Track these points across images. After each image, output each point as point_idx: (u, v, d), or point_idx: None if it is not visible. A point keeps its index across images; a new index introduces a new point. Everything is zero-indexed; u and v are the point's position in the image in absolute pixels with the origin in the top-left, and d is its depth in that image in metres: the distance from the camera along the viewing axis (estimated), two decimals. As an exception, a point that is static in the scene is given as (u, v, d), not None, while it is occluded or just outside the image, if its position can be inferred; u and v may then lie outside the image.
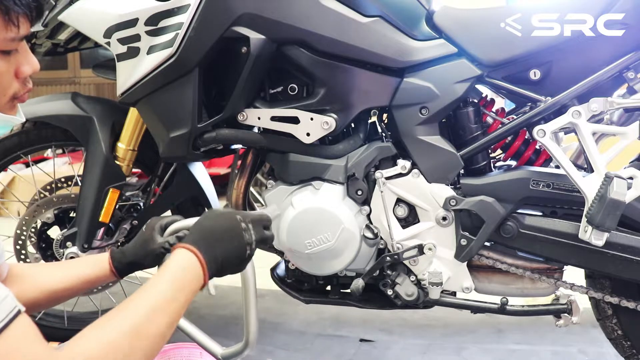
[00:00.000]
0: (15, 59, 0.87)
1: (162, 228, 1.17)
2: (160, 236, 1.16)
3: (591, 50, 1.42)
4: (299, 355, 2.00)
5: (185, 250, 0.92)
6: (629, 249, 1.39)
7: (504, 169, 1.53)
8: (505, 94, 1.56)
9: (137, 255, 1.16)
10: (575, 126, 1.35)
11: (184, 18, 1.40)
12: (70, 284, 1.14)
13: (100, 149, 1.66)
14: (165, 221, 1.17)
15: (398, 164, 1.48)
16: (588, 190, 1.31)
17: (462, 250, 1.47)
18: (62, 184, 1.87)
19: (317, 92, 1.47)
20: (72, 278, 1.14)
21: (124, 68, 1.47)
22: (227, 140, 1.51)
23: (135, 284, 2.02)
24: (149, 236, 1.16)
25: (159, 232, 1.16)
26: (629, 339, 1.58)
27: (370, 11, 1.44)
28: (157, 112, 1.49)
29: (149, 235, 1.16)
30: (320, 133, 1.47)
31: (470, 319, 2.15)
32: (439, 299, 1.51)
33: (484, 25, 1.47)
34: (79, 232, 1.66)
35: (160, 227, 1.17)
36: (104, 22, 1.45)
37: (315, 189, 1.50)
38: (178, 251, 0.93)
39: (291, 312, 2.33)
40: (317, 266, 1.51)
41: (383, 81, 1.48)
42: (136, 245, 1.17)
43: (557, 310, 1.50)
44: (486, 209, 1.43)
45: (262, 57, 1.41)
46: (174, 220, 1.16)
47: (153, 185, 1.79)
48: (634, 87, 1.42)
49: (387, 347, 2.05)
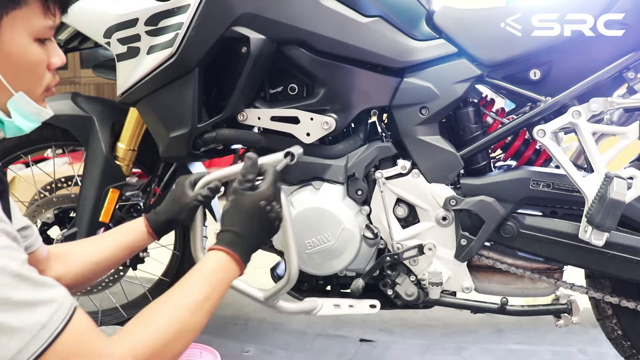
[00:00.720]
0: (47, 50, 0.90)
1: (192, 183, 1.25)
2: (191, 191, 1.23)
3: (591, 50, 1.42)
4: (299, 355, 2.00)
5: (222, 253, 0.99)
6: (629, 249, 1.39)
7: (504, 169, 1.53)
8: (505, 94, 1.56)
9: (172, 212, 1.23)
10: (575, 126, 1.35)
11: (184, 18, 1.40)
12: (111, 254, 1.20)
13: (100, 149, 1.66)
14: (193, 177, 1.25)
15: (398, 164, 1.48)
16: (588, 190, 1.31)
17: (462, 250, 1.47)
18: (62, 184, 1.87)
19: (317, 92, 1.47)
20: (112, 247, 1.20)
21: (124, 68, 1.47)
22: (227, 140, 1.51)
23: (135, 284, 2.03)
24: (181, 192, 1.24)
25: (190, 187, 1.24)
26: (629, 339, 1.58)
27: (370, 11, 1.44)
28: (157, 112, 1.49)
29: (181, 191, 1.24)
30: (320, 133, 1.47)
31: (470, 319, 2.15)
32: (439, 299, 1.51)
33: (484, 25, 1.47)
34: (79, 232, 1.66)
35: (190, 183, 1.25)
36: (104, 22, 1.45)
37: (315, 189, 1.50)
38: (214, 253, 0.99)
39: (291, 312, 2.33)
40: (317, 266, 1.51)
41: (383, 81, 1.48)
42: (169, 203, 1.25)
43: (557, 310, 1.50)
44: (486, 209, 1.43)
45: (262, 57, 1.41)
46: (201, 175, 1.25)
47: (153, 185, 1.79)
48: (634, 87, 1.42)
49: (387, 347, 2.05)
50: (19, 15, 0.83)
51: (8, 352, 0.72)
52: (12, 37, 0.84)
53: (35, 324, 0.74)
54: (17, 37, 0.84)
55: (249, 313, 2.34)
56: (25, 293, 0.74)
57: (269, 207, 1.05)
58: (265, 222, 1.05)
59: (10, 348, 0.72)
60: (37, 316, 0.74)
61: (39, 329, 0.74)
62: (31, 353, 0.73)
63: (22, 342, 0.73)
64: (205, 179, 1.25)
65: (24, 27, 0.85)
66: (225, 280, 0.98)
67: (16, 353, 0.72)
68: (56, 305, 0.76)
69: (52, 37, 0.90)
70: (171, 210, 1.24)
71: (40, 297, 0.76)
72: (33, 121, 0.92)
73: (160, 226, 1.23)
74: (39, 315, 0.75)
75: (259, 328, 2.21)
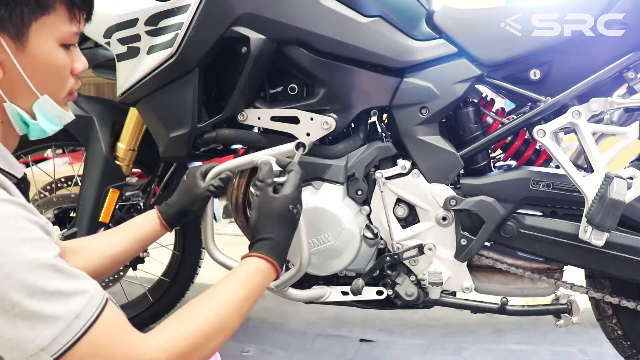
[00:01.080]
0: (71, 55, 0.93)
1: (203, 174, 1.31)
2: (203, 181, 1.30)
3: (591, 50, 1.42)
4: (299, 355, 2.00)
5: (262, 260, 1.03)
6: (629, 249, 1.39)
7: (504, 169, 1.52)
8: (505, 94, 1.56)
9: (184, 203, 1.29)
10: (575, 126, 1.35)
11: (184, 18, 1.40)
12: (127, 246, 1.23)
13: (100, 149, 1.66)
14: (204, 168, 1.32)
15: (398, 164, 1.48)
16: (588, 190, 1.31)
17: (462, 250, 1.47)
18: (62, 184, 1.87)
19: (317, 92, 1.47)
20: (127, 240, 1.24)
21: (124, 68, 1.47)
22: (227, 140, 1.51)
23: (134, 284, 2.03)
24: (193, 183, 1.30)
25: (201, 178, 1.30)
26: (629, 339, 1.58)
27: (370, 11, 1.44)
28: (157, 112, 1.49)
29: (192, 182, 1.30)
30: (320, 133, 1.47)
31: (470, 319, 2.15)
32: (439, 299, 1.51)
33: (484, 25, 1.47)
34: (79, 232, 1.66)
35: (201, 174, 1.31)
36: (104, 22, 1.45)
37: (315, 189, 1.50)
38: (254, 259, 1.02)
39: (291, 312, 2.33)
40: (317, 266, 1.51)
41: (383, 81, 1.48)
42: (181, 194, 1.30)
43: (557, 310, 1.50)
44: (486, 209, 1.43)
45: (262, 57, 1.41)
46: (212, 166, 1.31)
47: (153, 185, 1.79)
48: (634, 87, 1.42)
49: (387, 347, 2.05)
50: (46, 22, 0.87)
51: (43, 341, 0.75)
52: (40, 42, 0.87)
53: (70, 313, 0.76)
54: (44, 42, 0.88)
55: (249, 313, 2.34)
56: (59, 283, 0.77)
57: (295, 210, 1.10)
58: (293, 224, 1.10)
59: (45, 336, 0.75)
60: (71, 306, 0.77)
61: (73, 318, 0.76)
62: (66, 341, 0.75)
63: (57, 330, 0.75)
64: (217, 169, 1.30)
65: (50, 33, 0.88)
66: (262, 285, 1.02)
67: (51, 341, 0.75)
68: (89, 296, 0.79)
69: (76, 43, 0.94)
70: (183, 201, 1.29)
71: (74, 288, 0.78)
72: (56, 124, 0.95)
73: (172, 217, 1.28)
74: (73, 305, 0.77)
75: (259, 328, 2.21)
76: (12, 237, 0.75)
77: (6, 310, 0.73)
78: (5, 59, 0.86)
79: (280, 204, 1.08)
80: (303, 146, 1.33)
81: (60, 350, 0.75)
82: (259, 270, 1.02)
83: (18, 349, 0.74)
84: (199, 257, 2.03)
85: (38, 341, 0.74)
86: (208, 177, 1.31)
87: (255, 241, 1.06)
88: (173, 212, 1.29)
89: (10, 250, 0.74)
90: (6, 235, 0.75)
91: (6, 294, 0.73)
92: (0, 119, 0.90)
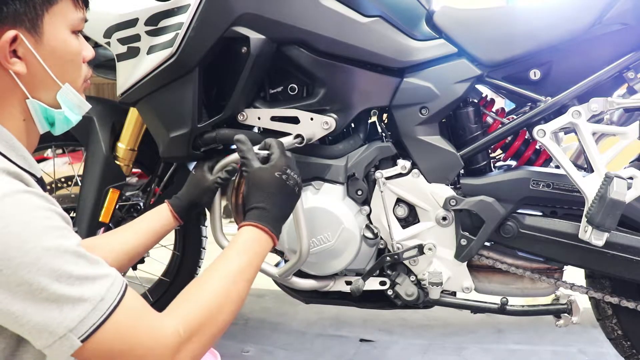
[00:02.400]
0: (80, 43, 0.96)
1: (210, 168, 1.41)
2: (211, 174, 1.40)
3: (591, 50, 1.42)
4: (299, 355, 2.00)
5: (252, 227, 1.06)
6: (629, 249, 1.39)
7: (504, 169, 1.52)
8: (505, 94, 1.56)
9: (193, 196, 1.38)
10: (575, 126, 1.35)
11: (184, 18, 1.39)
12: (142, 240, 1.29)
13: (100, 149, 1.66)
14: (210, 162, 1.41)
15: (398, 164, 1.48)
16: (588, 190, 1.31)
17: (462, 250, 1.47)
18: (62, 184, 1.87)
19: (317, 92, 1.47)
20: (142, 234, 1.30)
21: (124, 68, 1.46)
22: (227, 140, 1.50)
23: (135, 284, 2.03)
24: (201, 176, 1.40)
25: (208, 171, 1.41)
26: (629, 339, 1.58)
27: (370, 11, 1.44)
28: (157, 112, 1.49)
29: (200, 175, 1.40)
30: (320, 133, 1.47)
31: (470, 319, 2.15)
32: (439, 299, 1.51)
33: (484, 25, 1.47)
34: (79, 232, 1.66)
35: (208, 167, 1.41)
36: (104, 22, 1.45)
37: (315, 189, 1.50)
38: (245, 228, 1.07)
39: (291, 312, 2.33)
40: (317, 266, 1.51)
41: (383, 81, 1.48)
42: (190, 188, 1.39)
43: (557, 310, 1.50)
44: (486, 209, 1.43)
45: (262, 57, 1.41)
46: (218, 159, 1.41)
47: (153, 185, 1.79)
48: (634, 87, 1.42)
49: (387, 347, 2.05)
50: (56, 11, 0.90)
51: (71, 322, 0.77)
52: (54, 32, 0.90)
53: (95, 295, 0.79)
54: (57, 31, 0.90)
55: (249, 313, 2.34)
56: (84, 268, 0.80)
57: (284, 176, 1.13)
58: (285, 191, 1.13)
59: (73, 318, 0.77)
60: (96, 289, 0.80)
61: (98, 300, 0.79)
62: (92, 323, 0.78)
63: (83, 312, 0.78)
64: (223, 162, 1.40)
65: (61, 21, 0.91)
66: (260, 252, 1.06)
67: (79, 323, 0.78)
68: (111, 280, 0.82)
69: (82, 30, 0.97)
70: (192, 193, 1.37)
71: (97, 272, 0.81)
72: (77, 113, 0.98)
73: (183, 210, 1.35)
74: (97, 288, 0.80)
75: (259, 328, 2.21)
76: (38, 225, 0.77)
77: (34, 295, 0.75)
78: (26, 53, 0.88)
79: (265, 173, 1.13)
80: (301, 137, 1.41)
81: (87, 331, 0.78)
82: (253, 238, 1.06)
83: (47, 332, 0.77)
84: (199, 257, 2.03)
85: (66, 323, 0.77)
86: (215, 169, 1.40)
87: (247, 211, 1.11)
88: (183, 204, 1.36)
89: (36, 237, 0.76)
90: (32, 223, 0.77)
91: (34, 279, 0.75)
92: (22, 117, 0.91)
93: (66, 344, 0.77)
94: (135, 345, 0.82)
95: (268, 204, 1.10)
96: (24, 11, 0.86)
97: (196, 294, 0.92)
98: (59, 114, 0.94)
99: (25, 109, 0.91)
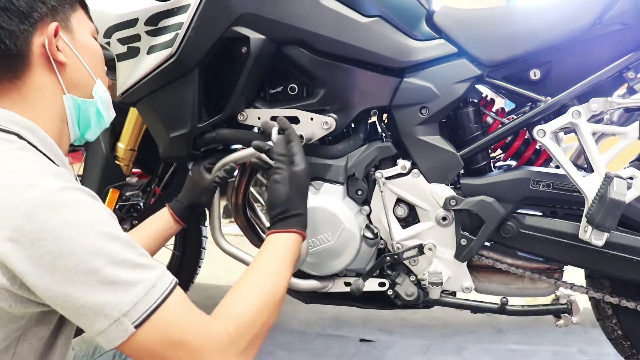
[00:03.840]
0: None
1: (207, 168, 1.43)
2: (208, 174, 1.42)
3: (591, 50, 1.42)
4: (299, 355, 2.00)
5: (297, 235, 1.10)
6: (629, 249, 1.39)
7: (504, 169, 1.52)
8: (505, 94, 1.56)
9: (193, 196, 1.39)
10: (575, 126, 1.35)
11: (184, 18, 1.39)
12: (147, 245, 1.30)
13: (100, 149, 1.66)
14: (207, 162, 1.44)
15: (398, 164, 1.48)
16: (588, 190, 1.31)
17: (462, 250, 1.47)
18: (62, 184, 1.86)
19: (317, 92, 1.47)
20: (147, 238, 1.32)
21: (124, 68, 1.46)
22: (227, 140, 1.51)
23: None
24: (199, 177, 1.41)
25: (206, 172, 1.42)
26: (629, 339, 1.58)
27: (370, 11, 1.44)
28: (157, 112, 1.49)
29: (198, 176, 1.41)
30: (320, 133, 1.47)
31: (470, 319, 2.16)
32: (439, 299, 1.51)
33: (484, 25, 1.47)
34: (79, 232, 1.66)
35: (205, 168, 1.43)
36: (104, 22, 1.45)
37: (315, 189, 1.50)
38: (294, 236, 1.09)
39: (291, 312, 2.33)
40: (317, 266, 1.51)
41: (383, 81, 1.48)
42: (189, 189, 1.41)
43: (557, 310, 1.50)
44: (486, 209, 1.43)
45: (262, 57, 1.41)
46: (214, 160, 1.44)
47: (153, 185, 1.79)
48: (634, 87, 1.42)
49: (387, 347, 2.05)
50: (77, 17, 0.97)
51: (125, 306, 0.78)
52: (81, 31, 0.97)
53: (148, 281, 0.81)
54: (83, 31, 0.98)
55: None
56: (136, 256, 0.82)
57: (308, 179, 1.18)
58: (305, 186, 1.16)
59: (127, 302, 0.79)
60: (148, 275, 0.81)
61: (150, 287, 0.81)
62: (145, 308, 0.79)
63: (136, 297, 0.79)
64: (221, 162, 1.42)
65: (84, 26, 0.99)
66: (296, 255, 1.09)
67: (132, 306, 0.79)
68: (162, 271, 0.84)
69: None
70: (192, 194, 1.39)
71: (148, 263, 0.83)
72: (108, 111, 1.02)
73: (183, 211, 1.37)
74: (149, 275, 0.82)
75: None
76: (93, 214, 0.80)
77: (89, 277, 0.77)
78: (64, 46, 0.93)
79: (303, 178, 1.15)
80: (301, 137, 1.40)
81: (140, 317, 0.79)
82: (297, 244, 1.09)
83: (102, 315, 0.78)
84: (199, 257, 2.04)
85: (120, 306, 0.78)
86: (214, 169, 1.42)
87: (288, 216, 1.11)
88: (183, 206, 1.37)
89: (91, 223, 0.79)
90: (87, 211, 0.80)
91: (88, 261, 0.77)
92: (60, 117, 0.94)
93: (120, 329, 0.78)
94: (188, 337, 0.82)
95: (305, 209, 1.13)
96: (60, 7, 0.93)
97: (245, 295, 0.93)
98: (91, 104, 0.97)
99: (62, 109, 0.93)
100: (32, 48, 0.89)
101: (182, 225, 1.38)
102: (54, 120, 0.93)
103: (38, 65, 0.90)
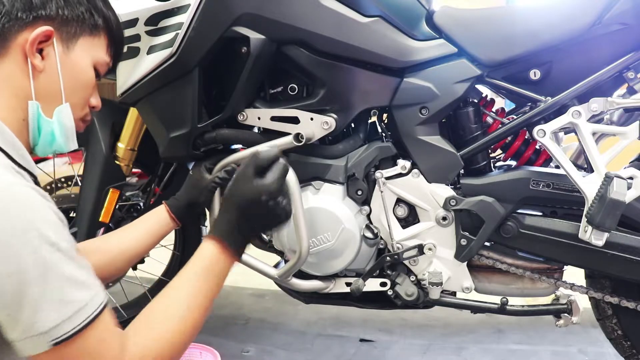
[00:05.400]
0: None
1: (208, 168, 1.42)
2: (209, 174, 1.41)
3: (591, 50, 1.42)
4: (299, 355, 2.00)
5: (217, 245, 0.98)
6: (629, 249, 1.39)
7: (504, 169, 1.52)
8: (505, 94, 1.56)
9: (192, 196, 1.38)
10: (575, 126, 1.35)
11: (184, 18, 1.39)
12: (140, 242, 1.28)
13: (100, 149, 1.66)
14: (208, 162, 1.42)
15: (398, 164, 1.48)
16: (588, 190, 1.31)
17: (462, 250, 1.47)
18: (62, 184, 1.87)
19: (317, 92, 1.47)
20: (140, 236, 1.29)
21: (124, 68, 1.46)
22: (227, 140, 1.51)
23: (134, 284, 2.03)
24: (199, 176, 1.40)
25: (206, 171, 1.41)
26: (629, 339, 1.58)
27: (370, 11, 1.44)
28: (157, 112, 1.49)
29: (199, 176, 1.40)
30: (320, 133, 1.47)
31: (470, 319, 2.16)
32: (439, 299, 1.51)
33: (484, 25, 1.47)
34: (79, 232, 1.66)
35: (205, 168, 1.42)
36: (104, 22, 1.45)
37: (315, 189, 1.50)
38: (210, 245, 0.98)
39: (291, 312, 2.33)
40: (317, 266, 1.51)
41: (383, 81, 1.48)
42: (188, 188, 1.39)
43: (557, 310, 1.51)
44: (486, 209, 1.43)
45: (262, 57, 1.41)
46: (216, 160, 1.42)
47: (153, 185, 1.79)
48: (634, 87, 1.42)
49: (387, 347, 2.05)
50: (91, 42, 0.97)
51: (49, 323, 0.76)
52: (81, 55, 0.95)
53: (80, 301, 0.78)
54: (84, 57, 0.96)
55: (249, 313, 2.34)
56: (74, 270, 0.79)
57: (271, 202, 1.00)
58: (265, 216, 1.01)
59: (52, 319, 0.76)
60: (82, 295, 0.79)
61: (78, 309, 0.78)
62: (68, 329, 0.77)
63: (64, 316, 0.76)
64: (222, 162, 1.40)
65: (91, 52, 0.97)
66: (220, 273, 0.98)
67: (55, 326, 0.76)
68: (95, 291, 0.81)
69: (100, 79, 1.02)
70: (191, 194, 1.38)
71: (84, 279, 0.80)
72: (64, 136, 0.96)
73: (181, 211, 1.35)
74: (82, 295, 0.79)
75: (259, 328, 2.21)
76: (38, 218, 0.77)
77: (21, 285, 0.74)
78: (49, 56, 0.91)
79: (253, 190, 0.99)
80: (300, 136, 1.40)
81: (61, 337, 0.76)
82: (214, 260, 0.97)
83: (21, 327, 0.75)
84: (199, 257, 2.03)
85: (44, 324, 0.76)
86: (215, 169, 1.41)
87: (218, 215, 1.01)
88: (181, 205, 1.35)
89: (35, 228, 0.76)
90: (33, 215, 0.77)
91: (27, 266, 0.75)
92: (22, 116, 0.92)
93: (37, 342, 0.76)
94: None
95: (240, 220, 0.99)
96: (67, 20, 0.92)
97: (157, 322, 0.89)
98: (48, 124, 0.93)
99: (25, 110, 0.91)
100: (17, 37, 0.88)
101: (178, 224, 1.35)
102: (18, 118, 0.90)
103: (14, 56, 0.88)
